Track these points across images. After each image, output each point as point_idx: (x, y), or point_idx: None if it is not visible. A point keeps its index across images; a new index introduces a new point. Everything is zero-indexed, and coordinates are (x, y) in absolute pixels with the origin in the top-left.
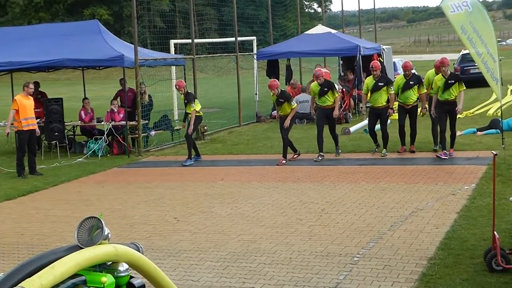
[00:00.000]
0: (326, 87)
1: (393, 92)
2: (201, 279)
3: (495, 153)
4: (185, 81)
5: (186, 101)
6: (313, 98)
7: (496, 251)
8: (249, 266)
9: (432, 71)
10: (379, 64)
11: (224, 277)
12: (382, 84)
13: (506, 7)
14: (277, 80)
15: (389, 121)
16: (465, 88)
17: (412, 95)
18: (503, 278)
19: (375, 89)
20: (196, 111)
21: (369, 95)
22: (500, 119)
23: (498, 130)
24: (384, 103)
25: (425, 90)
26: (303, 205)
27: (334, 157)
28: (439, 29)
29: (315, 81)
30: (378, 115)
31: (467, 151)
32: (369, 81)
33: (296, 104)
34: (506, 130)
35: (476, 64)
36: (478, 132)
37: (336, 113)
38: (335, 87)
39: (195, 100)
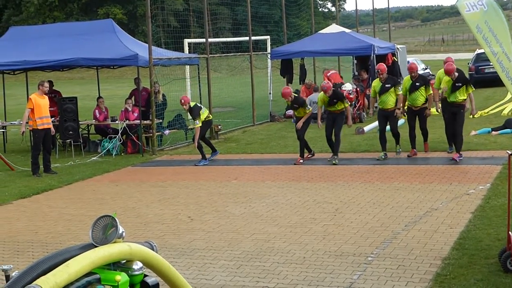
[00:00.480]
0: (335, 98)
1: (400, 92)
2: (215, 278)
3: (510, 153)
4: (199, 81)
5: (190, 117)
6: (320, 109)
7: (511, 252)
8: (262, 265)
9: (442, 70)
10: (385, 67)
11: (238, 276)
12: (390, 85)
13: None
14: (290, 88)
15: (402, 121)
16: (473, 89)
17: (420, 97)
18: None
19: (382, 91)
20: (201, 123)
21: (377, 97)
22: None
23: None
24: (393, 105)
25: (431, 91)
26: (317, 204)
27: (347, 157)
28: (454, 28)
29: (323, 94)
30: (386, 117)
31: (481, 151)
32: (376, 83)
33: (310, 108)
34: None
35: (491, 64)
36: (493, 132)
37: (350, 123)
38: (344, 98)
39: (200, 112)
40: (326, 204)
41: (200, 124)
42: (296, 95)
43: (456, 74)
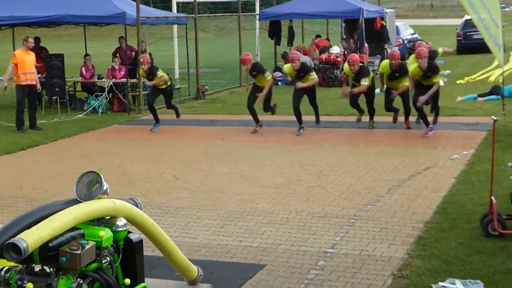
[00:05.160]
0: (302, 72)
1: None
2: (198, 237)
3: (495, 119)
4: (186, 41)
5: (151, 76)
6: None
7: (492, 216)
8: (246, 225)
9: (412, 58)
10: (357, 58)
11: (222, 235)
12: (360, 76)
13: None
14: (250, 54)
15: (377, 90)
16: (439, 80)
17: (398, 85)
18: (498, 243)
19: (356, 80)
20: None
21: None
22: (502, 86)
23: (499, 97)
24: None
25: (407, 83)
26: (301, 166)
27: (335, 119)
28: None
29: (291, 64)
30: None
31: (467, 117)
32: (348, 72)
33: (270, 75)
34: (507, 96)
35: (478, 30)
36: (479, 98)
37: (301, 84)
38: (311, 70)
39: (157, 73)
40: (310, 166)
41: (165, 76)
42: (255, 61)
43: (426, 64)
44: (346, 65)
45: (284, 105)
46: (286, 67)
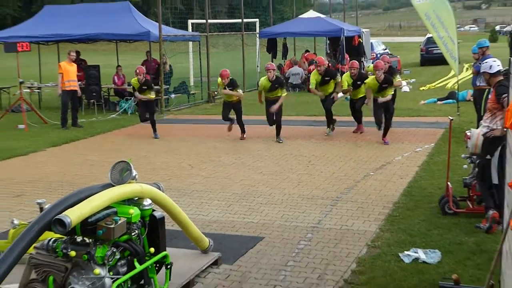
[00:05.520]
0: (277, 83)
1: (340, 80)
2: (209, 214)
3: (451, 118)
4: (199, 56)
5: (145, 87)
6: (260, 93)
7: (448, 198)
8: (248, 205)
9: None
10: (323, 60)
11: (228, 213)
12: (328, 78)
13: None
14: (228, 70)
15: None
16: (392, 92)
17: (360, 94)
18: (453, 219)
19: (323, 82)
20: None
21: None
22: (457, 91)
23: (455, 100)
24: (331, 91)
25: (392, 92)
26: (293, 157)
27: (320, 119)
28: (409, 16)
29: (267, 76)
30: (324, 100)
31: (428, 117)
32: (315, 76)
33: (242, 92)
34: (461, 100)
35: (437, 46)
36: (438, 101)
37: (276, 107)
38: (284, 85)
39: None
40: (301, 157)
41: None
42: (232, 78)
43: (383, 76)
44: (313, 73)
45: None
46: (262, 81)
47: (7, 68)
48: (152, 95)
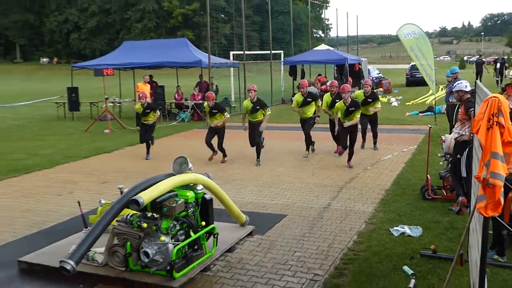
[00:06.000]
0: (259, 105)
1: (320, 104)
2: (246, 197)
3: (430, 126)
4: (238, 79)
5: (148, 110)
6: (244, 116)
7: (428, 187)
8: (275, 191)
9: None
10: (306, 82)
11: (260, 197)
12: (310, 99)
13: (440, 36)
14: (213, 93)
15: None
16: (358, 117)
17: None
18: (431, 203)
19: (304, 103)
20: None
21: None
22: (434, 106)
23: (432, 113)
24: (311, 114)
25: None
26: (310, 155)
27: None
28: (398, 49)
29: (249, 99)
30: (304, 122)
31: (412, 125)
32: (298, 97)
33: (228, 115)
34: (437, 113)
35: (419, 71)
36: (420, 113)
37: (263, 126)
38: (267, 106)
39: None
40: (315, 155)
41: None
42: (217, 102)
43: (350, 99)
44: (296, 96)
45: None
46: (245, 103)
47: (96, 88)
48: (157, 114)
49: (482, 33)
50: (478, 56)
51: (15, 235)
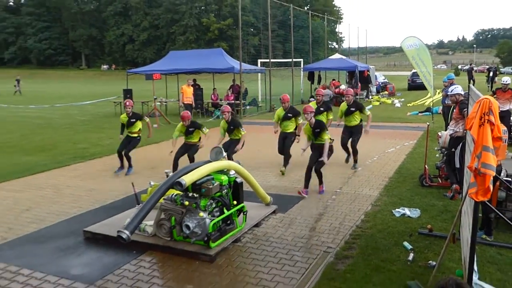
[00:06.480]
0: (233, 125)
1: (300, 122)
2: (270, 182)
3: (428, 124)
4: (265, 82)
5: (133, 120)
6: (276, 123)
7: (425, 176)
8: (294, 176)
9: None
10: (288, 97)
11: (282, 181)
12: (323, 109)
13: (437, 47)
14: (189, 112)
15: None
16: (328, 137)
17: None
18: (428, 190)
19: (285, 118)
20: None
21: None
22: (432, 107)
23: (430, 113)
24: (292, 130)
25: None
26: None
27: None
28: (401, 58)
29: (224, 119)
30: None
31: (412, 123)
32: (279, 111)
33: (207, 130)
34: (435, 113)
35: (419, 77)
36: (419, 113)
37: (240, 146)
38: (240, 126)
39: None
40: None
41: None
42: (193, 120)
43: (313, 120)
44: (277, 111)
45: None
46: (221, 124)
47: (146, 90)
48: (146, 122)
49: (475, 45)
50: (469, 65)
51: (81, 210)
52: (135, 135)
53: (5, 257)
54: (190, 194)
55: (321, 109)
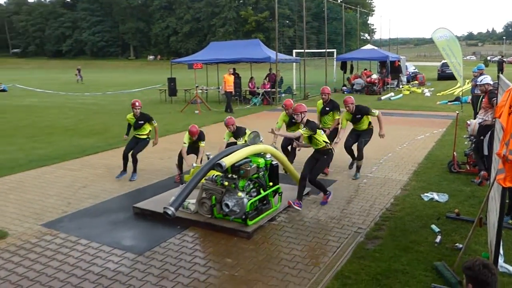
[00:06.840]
0: (329, 107)
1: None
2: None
3: (457, 113)
4: (299, 72)
5: (141, 122)
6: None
7: (454, 162)
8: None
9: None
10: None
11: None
12: (329, 109)
13: (467, 39)
14: (196, 126)
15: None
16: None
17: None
18: (456, 176)
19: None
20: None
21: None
22: (461, 96)
23: (459, 102)
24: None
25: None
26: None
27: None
28: (431, 49)
29: (228, 130)
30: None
31: (442, 112)
32: (284, 117)
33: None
34: (464, 102)
35: (449, 67)
36: (449, 102)
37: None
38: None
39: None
40: None
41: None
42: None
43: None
44: (282, 116)
45: None
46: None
47: (189, 79)
48: (154, 125)
49: (504, 37)
50: (500, 56)
51: (131, 188)
52: (144, 136)
53: (66, 228)
54: (230, 175)
55: (327, 108)
